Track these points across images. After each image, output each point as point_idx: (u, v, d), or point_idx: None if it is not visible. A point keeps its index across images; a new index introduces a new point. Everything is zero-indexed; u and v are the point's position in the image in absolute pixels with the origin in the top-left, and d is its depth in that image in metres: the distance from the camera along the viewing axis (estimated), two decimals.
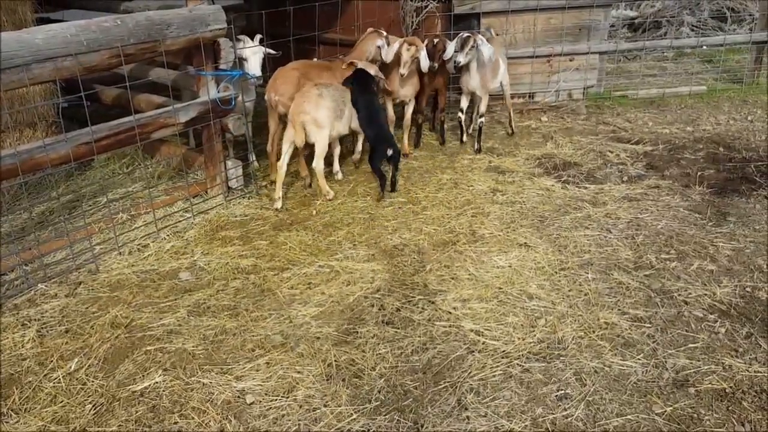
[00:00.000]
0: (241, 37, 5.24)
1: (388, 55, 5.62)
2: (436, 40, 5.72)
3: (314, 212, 4.90)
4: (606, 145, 6.08)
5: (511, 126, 6.52)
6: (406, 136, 6.09)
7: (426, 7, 6.69)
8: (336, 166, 5.56)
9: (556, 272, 3.96)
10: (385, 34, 5.66)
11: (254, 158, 5.72)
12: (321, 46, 6.68)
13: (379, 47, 5.62)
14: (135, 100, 5.00)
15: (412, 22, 6.75)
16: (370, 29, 5.76)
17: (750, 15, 10.10)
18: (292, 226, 4.69)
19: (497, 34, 6.46)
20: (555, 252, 4.19)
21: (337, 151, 5.51)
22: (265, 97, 5.27)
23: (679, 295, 3.68)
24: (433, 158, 5.92)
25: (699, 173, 5.28)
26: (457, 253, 4.22)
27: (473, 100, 6.24)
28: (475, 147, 6.07)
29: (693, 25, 10.36)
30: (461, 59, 5.60)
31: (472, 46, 5.61)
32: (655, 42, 8.74)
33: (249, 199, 5.14)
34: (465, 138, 6.27)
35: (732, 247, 4.16)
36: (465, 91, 6.05)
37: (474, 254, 4.20)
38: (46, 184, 5.25)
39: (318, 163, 5.02)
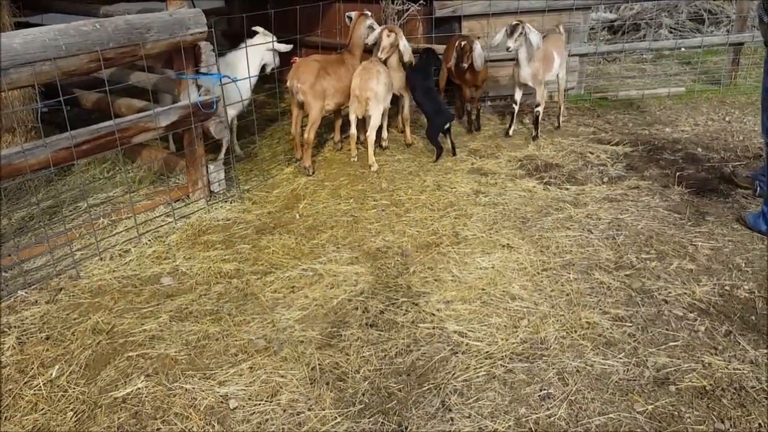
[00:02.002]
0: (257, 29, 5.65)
1: (370, 39, 5.86)
2: (464, 42, 5.99)
3: (297, 215, 4.90)
4: (587, 146, 6.13)
5: (558, 120, 6.68)
6: (408, 129, 6.33)
7: (407, 10, 6.72)
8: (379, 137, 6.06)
9: (538, 273, 3.99)
10: (370, 14, 5.85)
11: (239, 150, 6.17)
12: (303, 49, 6.66)
13: (370, 26, 5.83)
14: (115, 105, 4.96)
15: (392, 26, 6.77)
16: (356, 13, 5.93)
17: (727, 17, 10.26)
18: (275, 229, 4.68)
19: (560, 32, 6.65)
20: (537, 253, 4.22)
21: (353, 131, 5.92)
22: (287, 84, 5.56)
23: (659, 294, 3.72)
24: (416, 160, 5.94)
25: (678, 173, 5.35)
26: (441, 255, 4.23)
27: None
28: (533, 134, 6.42)
29: (671, 28, 10.50)
30: (511, 44, 5.81)
31: (521, 33, 5.79)
32: (634, 44, 8.84)
33: (231, 203, 5.12)
34: (511, 131, 6.51)
35: (711, 246, 4.22)
36: (517, 83, 6.29)
37: (457, 256, 4.22)
38: (25, 190, 5.19)
39: (371, 134, 5.71)
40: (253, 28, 5.64)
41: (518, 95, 6.39)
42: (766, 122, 4.36)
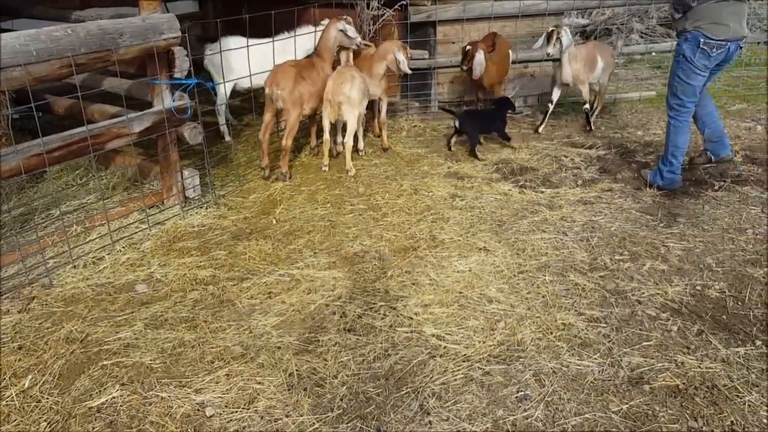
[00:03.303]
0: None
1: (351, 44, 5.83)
2: (468, 47, 6.32)
3: (274, 221, 4.88)
4: (561, 149, 6.20)
5: (590, 121, 6.81)
6: (384, 133, 6.35)
7: (383, 15, 6.74)
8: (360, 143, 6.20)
9: (514, 275, 4.02)
10: (345, 17, 5.77)
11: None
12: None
13: (341, 30, 5.71)
14: (88, 111, 4.90)
15: (369, 29, 6.79)
16: (327, 20, 5.90)
17: None
18: (251, 235, 4.66)
19: (614, 46, 7.05)
20: (513, 255, 4.25)
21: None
22: (266, 91, 5.46)
23: (633, 294, 3.78)
24: (393, 164, 5.96)
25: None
26: (418, 259, 4.25)
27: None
28: (587, 128, 6.73)
29: (642, 32, 10.68)
30: (550, 50, 6.18)
31: (557, 39, 6.13)
32: None
33: (207, 208, 5.08)
34: (542, 129, 6.73)
35: (682, 247, 4.29)
36: (557, 83, 6.59)
37: (434, 259, 4.23)
38: None
39: (348, 140, 5.72)
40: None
41: (555, 95, 6.65)
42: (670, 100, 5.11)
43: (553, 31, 6.17)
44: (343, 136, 5.84)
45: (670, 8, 4.97)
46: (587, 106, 6.62)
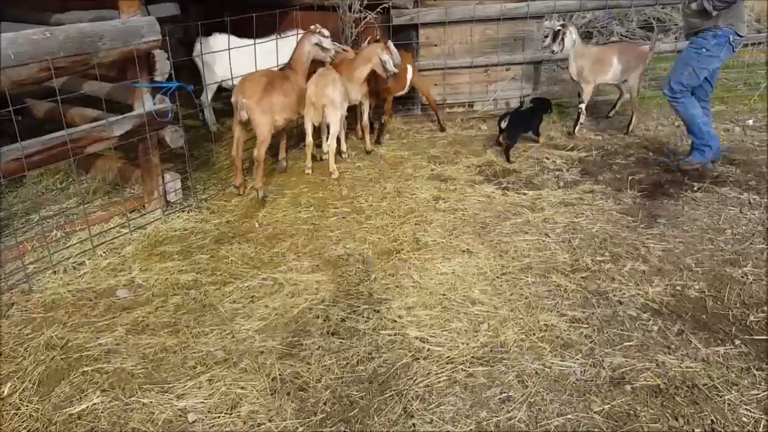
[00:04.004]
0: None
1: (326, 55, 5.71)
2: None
3: (257, 224, 4.86)
4: (543, 152, 6.24)
5: (628, 127, 6.76)
6: (367, 136, 6.33)
7: (365, 18, 6.74)
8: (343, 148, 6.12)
9: (497, 277, 4.04)
10: (318, 29, 5.64)
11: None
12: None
13: (316, 44, 5.57)
14: (68, 114, 4.85)
15: (351, 33, 6.79)
16: (303, 32, 5.79)
17: (675, 24, 10.58)
18: (233, 239, 4.63)
19: (646, 46, 6.91)
20: (496, 257, 4.27)
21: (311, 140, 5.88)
22: (232, 100, 5.22)
23: (614, 295, 3.81)
24: (376, 167, 5.96)
25: (630, 177, 5.49)
26: (402, 262, 4.25)
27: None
28: (570, 131, 6.77)
29: (622, 35, 10.78)
30: (555, 48, 6.37)
31: (562, 39, 6.31)
32: None
33: (189, 212, 5.05)
34: (576, 131, 6.74)
35: (662, 247, 4.34)
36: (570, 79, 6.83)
37: (418, 262, 4.24)
38: None
39: (332, 142, 5.69)
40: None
41: (583, 95, 6.67)
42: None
43: (559, 30, 6.33)
44: (326, 140, 5.83)
45: (705, 5, 5.00)
46: (582, 106, 6.64)
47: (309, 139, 5.77)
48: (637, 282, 3.94)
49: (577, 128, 6.69)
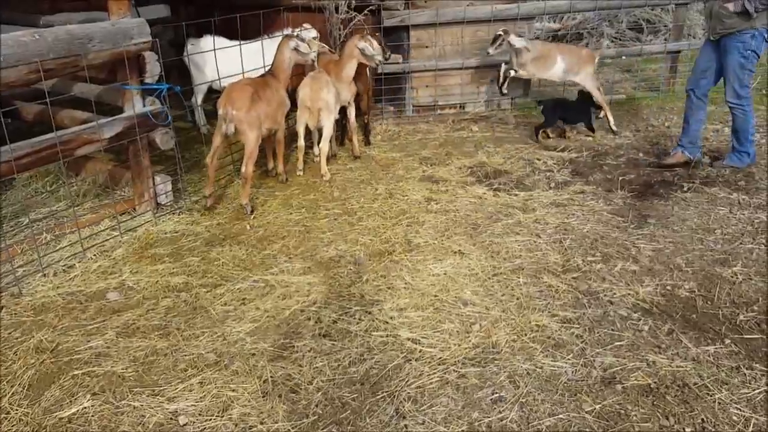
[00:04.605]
0: None
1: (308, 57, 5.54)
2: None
3: (248, 226, 4.85)
4: (534, 153, 6.26)
5: (608, 125, 6.82)
6: (355, 138, 6.27)
7: (353, 19, 6.74)
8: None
9: (489, 278, 4.05)
10: (295, 33, 5.61)
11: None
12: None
13: (294, 49, 5.39)
14: (57, 117, 4.83)
15: (340, 34, 6.79)
16: (283, 36, 5.60)
17: (665, 26, 10.63)
18: (224, 241, 4.62)
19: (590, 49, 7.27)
20: (488, 258, 4.28)
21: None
22: (219, 112, 4.95)
23: (605, 295, 3.82)
24: (367, 169, 5.96)
25: (621, 178, 5.51)
26: (393, 263, 4.25)
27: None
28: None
29: (612, 37, 10.82)
30: (491, 51, 6.60)
31: (501, 43, 6.52)
32: None
33: (179, 214, 5.03)
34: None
35: (653, 247, 4.36)
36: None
37: (410, 263, 4.24)
38: None
39: (324, 145, 5.68)
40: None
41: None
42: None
43: (500, 35, 6.50)
44: (318, 142, 5.81)
45: (747, 6, 5.03)
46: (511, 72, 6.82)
47: (301, 142, 5.71)
48: (628, 282, 3.96)
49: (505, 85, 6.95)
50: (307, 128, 5.76)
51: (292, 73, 5.56)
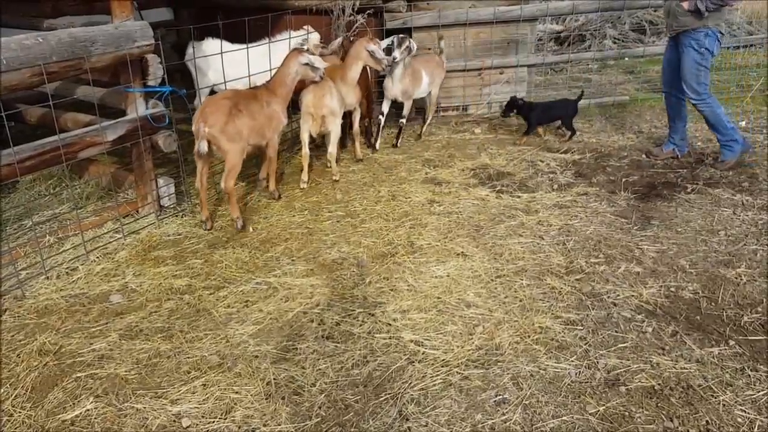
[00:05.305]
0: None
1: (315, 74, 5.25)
2: None
3: (251, 228, 4.85)
4: (537, 154, 6.26)
5: (421, 130, 6.89)
6: (357, 144, 6.26)
7: (357, 22, 6.75)
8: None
9: (492, 280, 4.04)
10: (306, 48, 5.42)
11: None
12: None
13: (305, 64, 5.11)
14: (61, 119, 4.84)
15: (346, 36, 6.79)
16: (292, 50, 5.34)
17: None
18: (227, 243, 4.62)
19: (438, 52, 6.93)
20: (491, 260, 4.27)
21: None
22: (192, 129, 4.64)
23: (608, 297, 3.81)
24: (370, 171, 5.96)
25: (624, 179, 5.50)
26: (396, 265, 4.25)
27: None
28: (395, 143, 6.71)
29: (615, 38, 10.82)
30: (397, 55, 6.09)
31: (408, 45, 6.10)
32: (579, 54, 9.07)
33: (182, 217, 5.04)
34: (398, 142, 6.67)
35: (656, 249, 4.34)
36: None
37: (412, 265, 4.24)
38: None
39: (333, 149, 5.70)
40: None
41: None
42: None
43: (404, 37, 6.18)
44: (328, 147, 5.77)
45: (699, 5, 5.22)
46: (403, 121, 6.66)
47: (305, 150, 5.56)
48: (632, 283, 3.95)
49: (399, 140, 6.66)
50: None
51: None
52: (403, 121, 6.60)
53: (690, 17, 5.35)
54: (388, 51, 6.05)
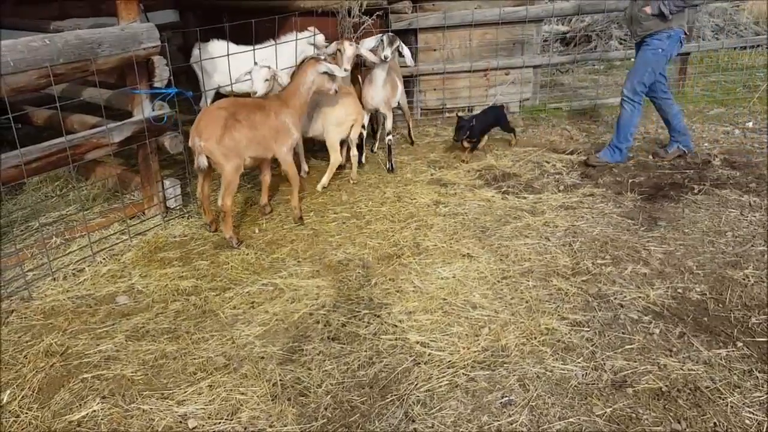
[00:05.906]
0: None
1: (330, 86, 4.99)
2: None
3: (257, 230, 4.85)
4: (543, 155, 6.24)
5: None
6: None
7: (364, 23, 6.75)
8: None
9: (498, 281, 4.03)
10: (323, 57, 5.15)
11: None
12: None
13: (323, 73, 4.85)
14: (67, 121, 4.86)
15: (350, 37, 6.79)
16: (308, 58, 5.03)
17: None
18: None
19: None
20: (497, 261, 4.26)
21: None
22: (189, 143, 4.46)
23: (615, 298, 3.80)
24: (375, 172, 5.96)
25: (630, 180, 5.48)
26: (402, 266, 4.24)
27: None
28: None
29: (621, 39, 10.80)
30: (388, 54, 5.57)
31: (398, 44, 5.68)
32: (585, 55, 9.06)
33: (188, 218, 5.04)
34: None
35: (663, 250, 4.33)
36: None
37: (418, 266, 4.23)
38: None
39: (355, 151, 5.78)
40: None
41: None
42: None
43: (395, 36, 5.71)
44: (351, 149, 5.79)
45: (662, 8, 5.27)
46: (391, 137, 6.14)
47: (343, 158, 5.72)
48: (638, 285, 3.93)
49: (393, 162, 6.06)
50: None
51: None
52: (391, 138, 5.99)
53: (654, 21, 5.39)
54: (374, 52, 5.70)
